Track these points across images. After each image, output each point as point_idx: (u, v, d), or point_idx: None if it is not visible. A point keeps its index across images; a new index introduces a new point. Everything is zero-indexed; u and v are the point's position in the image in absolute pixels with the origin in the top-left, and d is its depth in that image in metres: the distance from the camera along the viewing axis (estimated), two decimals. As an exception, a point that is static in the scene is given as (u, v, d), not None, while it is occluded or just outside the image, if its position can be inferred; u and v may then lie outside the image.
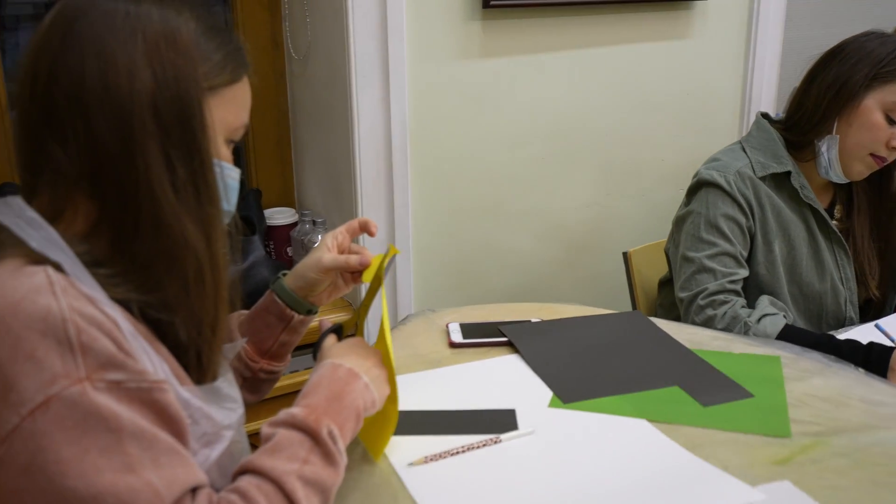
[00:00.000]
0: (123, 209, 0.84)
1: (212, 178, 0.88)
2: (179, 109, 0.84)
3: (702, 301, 1.64)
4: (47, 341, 0.75)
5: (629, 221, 2.50)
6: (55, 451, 0.73)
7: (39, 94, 0.84)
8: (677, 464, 1.08)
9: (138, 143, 0.82)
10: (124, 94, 0.82)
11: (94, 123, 0.82)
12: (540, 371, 1.32)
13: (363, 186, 2.07)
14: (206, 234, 0.88)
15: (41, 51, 0.84)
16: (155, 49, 0.84)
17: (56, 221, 0.85)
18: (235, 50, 0.93)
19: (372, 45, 1.98)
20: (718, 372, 1.31)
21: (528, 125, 2.26)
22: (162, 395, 0.80)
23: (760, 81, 2.56)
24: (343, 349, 1.04)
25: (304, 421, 0.90)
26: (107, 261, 0.85)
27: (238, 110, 0.95)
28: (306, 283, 1.18)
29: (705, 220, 1.69)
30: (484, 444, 1.12)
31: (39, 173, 0.86)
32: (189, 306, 0.88)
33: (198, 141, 0.86)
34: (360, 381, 0.98)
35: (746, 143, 1.76)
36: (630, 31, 2.33)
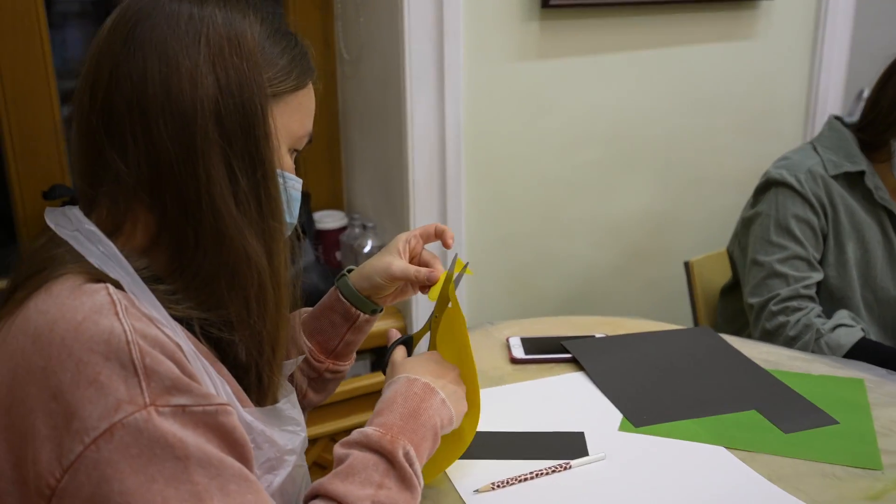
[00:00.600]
0: (184, 221, 0.80)
1: (275, 189, 0.84)
2: (243, 118, 0.80)
3: (774, 307, 1.57)
4: (111, 365, 0.70)
5: (688, 229, 2.42)
6: (120, 481, 0.68)
7: (99, 99, 0.80)
8: (763, 497, 1.01)
9: (200, 152, 0.78)
10: (187, 100, 0.78)
11: (154, 131, 0.78)
12: (608, 391, 1.25)
13: (416, 190, 2.02)
14: (267, 248, 0.83)
15: (102, 54, 0.81)
16: (219, 54, 0.80)
17: (115, 235, 0.81)
18: (301, 55, 0.89)
19: (428, 46, 1.93)
20: (799, 395, 1.23)
21: (585, 128, 2.19)
22: (227, 418, 0.76)
23: (827, 84, 2.46)
24: (417, 363, 0.98)
25: (378, 442, 0.85)
26: (167, 277, 0.81)
27: (303, 118, 0.90)
28: (371, 285, 1.13)
29: (775, 222, 1.62)
30: (553, 469, 1.06)
31: (98, 183, 0.82)
32: (250, 324, 0.83)
33: (261, 151, 0.82)
34: (436, 397, 0.93)
35: (818, 143, 1.70)
36: (692, 31, 2.25)
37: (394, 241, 1.15)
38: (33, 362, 0.71)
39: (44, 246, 0.82)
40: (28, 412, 0.71)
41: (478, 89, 2.02)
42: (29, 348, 0.72)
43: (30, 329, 0.73)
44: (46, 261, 0.79)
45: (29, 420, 0.71)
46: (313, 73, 0.91)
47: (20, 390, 0.72)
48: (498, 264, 2.18)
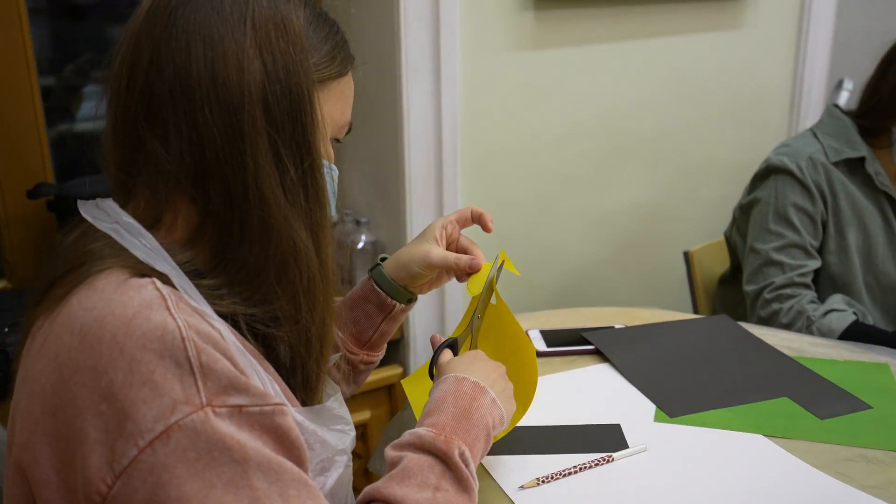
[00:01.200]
0: (230, 213, 0.75)
1: (322, 179, 0.80)
2: (290, 104, 0.77)
3: (768, 295, 1.58)
4: (165, 363, 0.66)
5: (680, 219, 2.42)
6: (177, 487, 0.64)
7: (139, 84, 0.75)
8: (810, 484, 1.00)
9: (248, 139, 0.74)
10: (233, 85, 0.74)
11: (199, 117, 0.74)
12: (637, 382, 1.24)
13: (412, 184, 1.99)
14: (315, 240, 0.80)
15: (141, 37, 0.76)
16: (266, 38, 0.76)
17: (154, 227, 0.77)
18: (342, 41, 0.86)
19: (424, 37, 1.89)
20: (828, 381, 1.23)
21: (578, 120, 2.18)
22: (284, 419, 0.72)
23: (812, 74, 2.48)
24: (465, 362, 0.95)
25: (433, 443, 0.82)
26: (210, 271, 0.77)
27: (344, 106, 0.87)
28: (408, 274, 1.09)
29: (774, 211, 1.63)
30: (596, 462, 1.04)
31: (136, 173, 0.77)
32: (299, 319, 0.80)
33: (309, 139, 0.78)
34: (487, 396, 0.90)
35: (818, 130, 1.71)
36: (682, 21, 2.25)
37: (429, 227, 1.11)
38: (81, 361, 0.67)
39: (78, 240, 0.77)
40: (76, 415, 0.67)
41: (474, 80, 1.99)
42: (76, 347, 0.68)
43: (75, 327, 0.69)
44: (85, 255, 0.74)
45: (77, 423, 0.66)
46: (353, 61, 0.88)
47: (67, 392, 0.67)
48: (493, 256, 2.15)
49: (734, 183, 2.49)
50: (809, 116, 2.53)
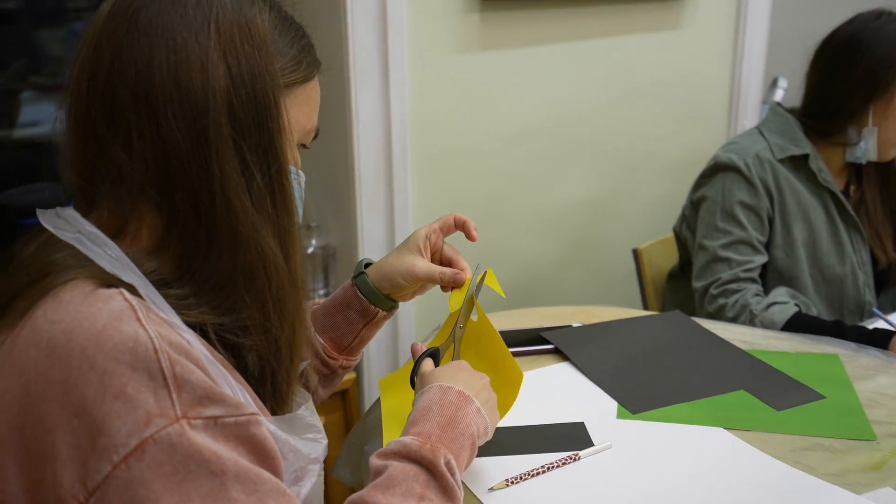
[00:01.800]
0: (196, 221, 0.74)
1: (289, 186, 0.79)
2: (256, 110, 0.75)
3: (714, 290, 1.62)
4: (138, 375, 0.65)
5: (625, 217, 2.46)
6: (154, 502, 0.63)
7: (100, 89, 0.74)
8: (773, 475, 1.02)
9: (213, 145, 0.73)
10: (197, 90, 0.72)
11: (163, 123, 0.72)
12: (597, 380, 1.25)
13: (362, 187, 1.97)
14: (284, 247, 0.79)
15: (101, 41, 0.74)
16: (230, 41, 0.74)
17: (118, 237, 0.75)
18: (308, 45, 0.85)
19: (371, 40, 1.88)
20: (782, 373, 1.26)
21: (524, 120, 2.19)
22: (258, 429, 0.71)
23: (749, 72, 2.54)
24: (449, 372, 0.95)
25: (418, 451, 0.82)
26: (177, 280, 0.75)
27: (311, 111, 0.86)
28: (392, 284, 1.09)
29: (721, 208, 1.67)
30: (563, 461, 1.05)
31: (99, 181, 0.75)
32: (268, 329, 0.78)
33: (275, 145, 0.77)
34: (472, 405, 0.90)
35: (764, 128, 1.75)
36: (624, 21, 2.28)
37: (412, 236, 1.12)
38: (50, 377, 0.65)
39: (40, 251, 0.75)
40: (46, 432, 0.65)
41: (422, 82, 1.99)
42: (43, 362, 0.66)
43: (42, 341, 0.67)
44: (48, 266, 0.72)
45: (47, 440, 0.64)
46: (320, 65, 0.87)
47: (36, 408, 0.65)
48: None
49: (678, 180, 2.53)
50: (747, 114, 2.59)
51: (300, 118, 0.84)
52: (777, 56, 2.67)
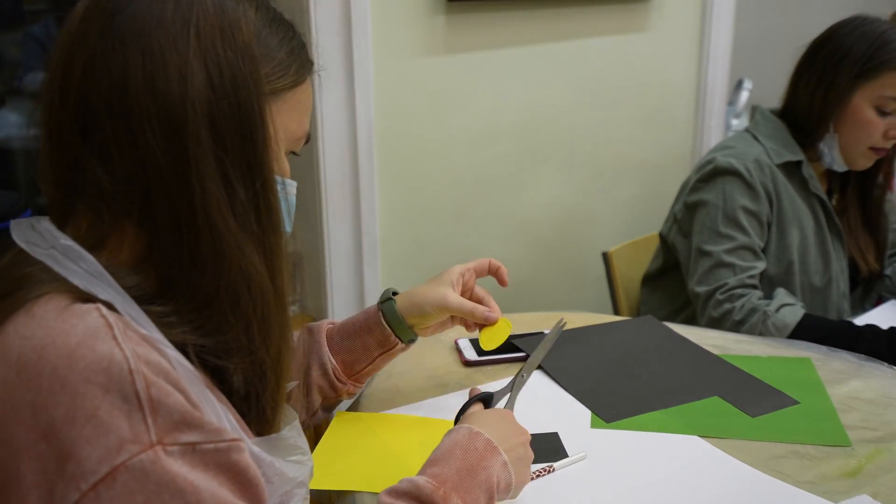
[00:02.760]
0: (178, 238, 0.70)
1: (275, 200, 0.74)
2: (239, 120, 0.71)
3: (720, 296, 1.59)
4: (111, 398, 0.61)
5: (594, 220, 2.45)
6: None
7: (72, 98, 0.69)
8: (749, 483, 1.01)
9: (193, 160, 0.69)
10: (175, 100, 0.68)
11: (140, 135, 0.68)
12: (570, 388, 1.23)
13: (328, 192, 1.94)
14: (270, 266, 0.74)
15: (74, 45, 0.70)
16: (211, 47, 0.70)
17: (97, 249, 0.71)
18: (299, 46, 0.80)
19: (336, 41, 1.85)
20: (755, 379, 1.25)
21: (491, 123, 2.17)
22: (240, 455, 0.67)
23: (714, 74, 2.55)
24: (487, 418, 0.91)
25: (430, 497, 0.79)
26: (158, 297, 0.71)
27: (301, 117, 0.82)
28: (421, 314, 1.09)
29: (723, 214, 1.64)
30: (538, 474, 1.02)
31: (75, 194, 0.71)
32: (252, 351, 0.74)
33: (260, 157, 0.72)
34: (498, 458, 0.86)
35: (756, 132, 1.72)
36: (589, 24, 2.27)
37: (447, 272, 1.12)
38: (18, 396, 0.62)
39: (12, 263, 0.70)
40: (12, 455, 0.61)
41: (387, 85, 1.96)
42: (13, 380, 0.62)
43: (12, 357, 0.63)
44: (20, 280, 0.68)
45: (13, 464, 0.61)
46: (312, 67, 0.83)
47: (2, 429, 0.62)
48: (413, 263, 2.13)
49: (645, 182, 2.53)
50: (713, 115, 2.59)
51: (289, 125, 0.80)
52: (742, 58, 2.68)
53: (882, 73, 1.58)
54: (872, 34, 1.60)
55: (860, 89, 1.60)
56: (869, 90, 1.60)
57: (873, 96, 1.59)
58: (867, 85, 1.60)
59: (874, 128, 1.60)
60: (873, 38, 1.59)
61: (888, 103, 1.59)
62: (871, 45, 1.59)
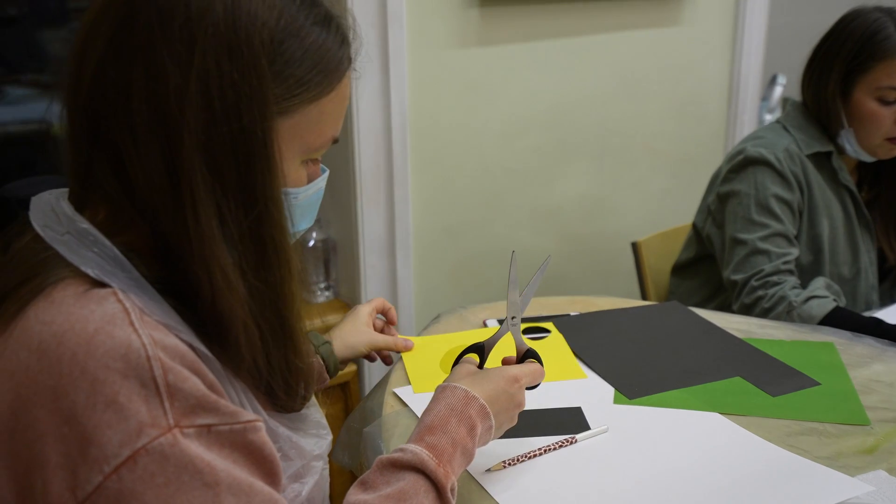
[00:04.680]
0: (186, 261, 0.69)
1: (278, 230, 0.72)
2: (239, 150, 0.68)
3: (755, 282, 1.60)
4: (130, 383, 0.63)
5: (624, 212, 2.47)
6: None
7: (83, 99, 0.70)
8: (767, 458, 1.03)
9: (186, 185, 0.67)
10: (173, 123, 0.66)
11: (143, 152, 0.67)
12: (595, 366, 1.26)
13: (362, 180, 1.99)
14: (272, 298, 0.73)
15: (87, 47, 0.69)
16: (215, 68, 0.66)
17: (114, 236, 0.70)
18: (336, 48, 0.75)
19: (372, 34, 1.90)
20: (777, 360, 1.27)
21: (524, 115, 2.21)
22: (255, 435, 0.69)
23: (748, 69, 2.56)
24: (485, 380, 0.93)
25: (434, 473, 0.82)
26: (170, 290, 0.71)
27: (324, 128, 0.76)
28: (353, 353, 1.22)
29: (756, 202, 1.65)
30: (560, 444, 1.06)
31: (90, 188, 0.72)
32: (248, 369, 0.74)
33: (258, 186, 0.69)
34: (487, 422, 0.90)
35: (786, 122, 1.73)
36: (623, 17, 2.30)
37: (357, 314, 1.25)
38: (41, 381, 0.63)
39: (29, 247, 0.71)
40: (36, 438, 0.63)
41: (421, 77, 2.00)
42: (34, 366, 0.64)
43: (33, 343, 0.65)
44: (38, 265, 0.69)
45: (37, 446, 0.63)
46: (349, 67, 0.77)
47: (26, 413, 0.64)
48: (443, 253, 2.17)
49: (676, 175, 2.55)
50: (746, 109, 2.60)
51: (307, 139, 0.75)
52: (776, 53, 2.69)
53: (873, 66, 1.60)
54: (860, 28, 1.62)
55: (857, 84, 1.62)
56: (865, 84, 1.61)
57: (871, 89, 1.61)
58: (862, 79, 1.61)
59: (881, 119, 1.61)
60: (861, 32, 1.61)
61: (888, 93, 1.60)
62: (859, 39, 1.61)
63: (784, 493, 0.95)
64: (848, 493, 0.94)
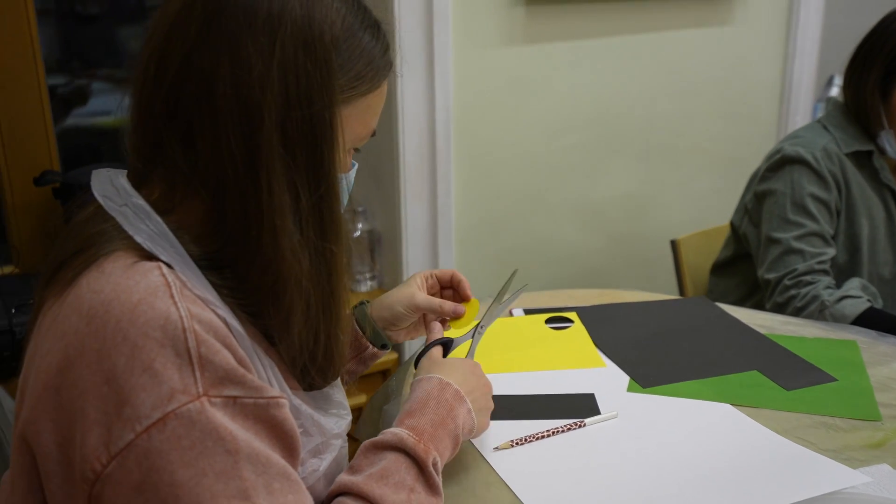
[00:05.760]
0: (240, 229, 0.76)
1: (336, 205, 0.79)
2: (309, 132, 0.76)
3: (788, 281, 1.60)
4: (166, 352, 0.68)
5: (669, 210, 2.47)
6: (170, 473, 0.67)
7: (167, 85, 0.76)
8: (770, 447, 1.05)
9: (263, 162, 0.74)
10: (254, 106, 0.74)
11: (221, 132, 0.74)
12: (614, 356, 1.29)
13: (406, 175, 2.05)
14: (326, 269, 0.80)
15: (174, 37, 0.76)
16: (292, 60, 0.75)
17: (166, 215, 0.77)
18: (382, 50, 0.84)
19: (418, 32, 1.95)
20: (796, 356, 1.28)
21: (569, 113, 2.23)
22: (279, 411, 0.75)
23: (801, 69, 2.53)
24: (454, 368, 0.98)
25: (413, 449, 0.86)
26: (214, 269, 0.77)
27: (369, 119, 0.85)
28: (392, 315, 1.14)
29: (791, 201, 1.65)
30: (568, 427, 1.09)
31: (152, 165, 0.79)
32: (289, 341, 0.81)
33: (325, 165, 0.78)
34: (464, 406, 0.94)
35: (827, 122, 1.73)
36: (671, 17, 2.31)
37: (412, 276, 1.17)
38: (87, 344, 0.70)
39: (90, 220, 0.78)
40: (79, 395, 0.69)
41: (466, 74, 2.05)
42: (83, 329, 0.70)
43: (83, 309, 0.71)
44: (94, 237, 0.76)
45: (79, 402, 0.69)
46: (391, 69, 0.86)
47: (72, 372, 0.70)
48: (485, 247, 2.21)
49: (725, 175, 2.54)
50: (798, 110, 2.57)
51: (356, 128, 0.83)
52: (833, 54, 2.65)
53: None
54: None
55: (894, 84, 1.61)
56: None
57: None
58: None
59: None
60: None
61: None
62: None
63: (780, 479, 0.97)
64: (843, 482, 0.95)
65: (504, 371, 1.24)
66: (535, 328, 1.37)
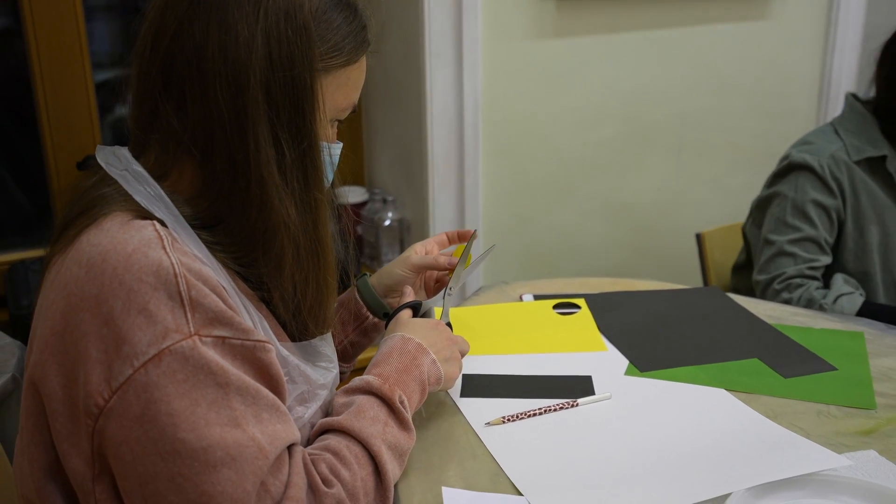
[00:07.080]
0: (230, 183, 0.83)
1: (319, 161, 0.87)
2: (291, 91, 0.83)
3: (778, 285, 1.61)
4: (159, 295, 0.75)
5: (701, 206, 2.47)
6: (167, 403, 0.74)
7: (161, 54, 0.83)
8: (756, 430, 1.06)
9: (251, 118, 0.82)
10: (241, 68, 0.81)
11: (210, 94, 0.81)
12: (615, 340, 1.31)
13: (435, 165, 2.09)
14: (313, 217, 0.87)
15: (168, 9, 0.84)
16: (275, 26, 0.82)
17: (161, 180, 0.85)
18: (359, 28, 0.91)
19: (447, 24, 1.99)
20: (799, 346, 1.28)
21: (599, 107, 2.25)
22: (265, 354, 0.81)
23: (840, 65, 2.50)
24: (416, 325, 1.05)
25: (379, 388, 0.92)
26: (205, 227, 0.85)
27: (349, 92, 0.92)
28: (392, 280, 1.20)
29: (792, 205, 1.65)
30: (561, 406, 1.12)
31: (150, 131, 0.86)
32: (282, 287, 0.88)
33: (307, 124, 0.85)
34: (427, 356, 1.00)
35: (840, 126, 1.71)
36: (706, 11, 2.30)
37: (410, 247, 1.23)
38: (87, 290, 0.77)
39: (94, 185, 0.86)
40: (81, 337, 0.76)
41: (495, 67, 2.08)
42: (83, 277, 0.78)
43: (83, 259, 0.79)
44: (97, 199, 0.84)
45: (82, 344, 0.76)
46: (368, 47, 0.93)
47: (74, 316, 0.77)
48: (513, 240, 2.24)
49: (758, 172, 2.51)
50: (838, 107, 2.54)
51: (336, 98, 0.90)
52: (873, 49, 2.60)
53: None
54: None
55: None
56: None
57: None
58: None
59: None
60: None
61: None
62: None
63: (760, 460, 0.98)
64: (823, 464, 0.96)
65: (506, 353, 1.27)
66: (542, 313, 1.40)
